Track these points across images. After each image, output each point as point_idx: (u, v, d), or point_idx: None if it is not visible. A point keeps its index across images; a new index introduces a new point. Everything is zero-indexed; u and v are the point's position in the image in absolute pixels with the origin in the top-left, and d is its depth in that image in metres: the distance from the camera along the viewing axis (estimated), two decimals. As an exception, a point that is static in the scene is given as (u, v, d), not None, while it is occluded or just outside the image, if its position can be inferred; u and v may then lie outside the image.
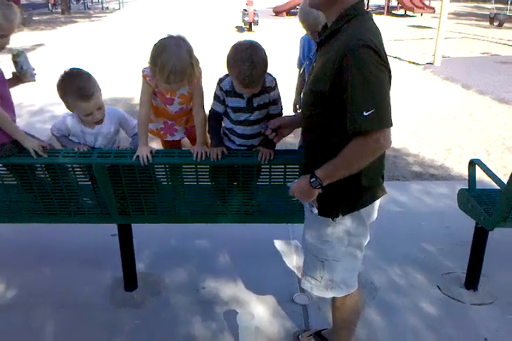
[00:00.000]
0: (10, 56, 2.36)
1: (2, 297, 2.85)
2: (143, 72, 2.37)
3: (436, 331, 2.58)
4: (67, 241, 3.41)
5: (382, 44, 1.69)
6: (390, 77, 1.70)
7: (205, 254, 3.28)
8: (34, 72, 2.45)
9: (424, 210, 3.90)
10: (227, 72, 2.27)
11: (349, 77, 1.60)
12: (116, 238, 2.75)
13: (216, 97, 2.31)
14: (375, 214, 2.00)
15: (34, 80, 2.46)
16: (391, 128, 1.66)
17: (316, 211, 1.89)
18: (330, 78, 1.66)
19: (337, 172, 1.74)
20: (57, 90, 2.34)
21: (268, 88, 2.24)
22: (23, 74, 2.40)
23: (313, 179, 1.75)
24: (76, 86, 2.28)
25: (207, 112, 2.45)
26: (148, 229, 2.95)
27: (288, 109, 2.79)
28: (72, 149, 2.43)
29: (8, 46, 2.28)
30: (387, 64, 1.67)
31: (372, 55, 1.60)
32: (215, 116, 2.36)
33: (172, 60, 2.11)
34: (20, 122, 2.62)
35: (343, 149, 1.69)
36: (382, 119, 1.62)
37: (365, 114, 1.59)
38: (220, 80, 2.26)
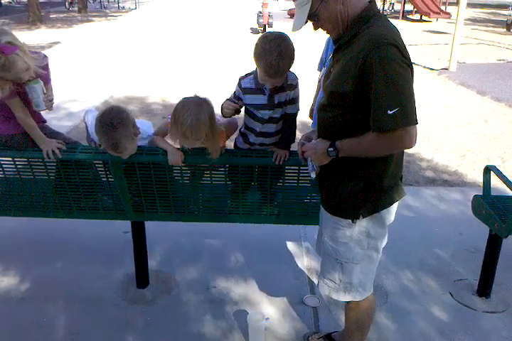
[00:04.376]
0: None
1: (15, 290, 2.88)
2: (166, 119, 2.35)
3: (447, 337, 2.56)
4: (79, 237, 3.44)
5: (403, 42, 1.69)
6: (412, 75, 1.70)
7: (217, 254, 3.29)
8: (52, 101, 2.41)
9: (437, 216, 3.87)
10: (246, 73, 2.28)
11: (373, 76, 1.60)
12: (128, 235, 2.77)
13: (234, 94, 2.32)
14: (393, 217, 1.99)
15: (39, 110, 2.40)
16: (416, 126, 1.67)
17: (313, 175, 1.92)
18: (353, 78, 1.66)
19: (353, 153, 1.79)
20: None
21: (290, 85, 2.24)
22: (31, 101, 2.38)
23: (332, 149, 1.80)
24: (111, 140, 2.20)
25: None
26: (160, 227, 2.97)
27: (305, 114, 2.78)
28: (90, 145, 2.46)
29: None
30: (410, 62, 1.68)
31: (397, 53, 1.61)
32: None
33: (190, 116, 2.12)
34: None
35: (366, 135, 1.70)
36: (407, 117, 1.63)
37: (389, 112, 1.60)
38: (241, 79, 2.28)
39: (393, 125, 1.62)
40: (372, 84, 1.61)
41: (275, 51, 2.00)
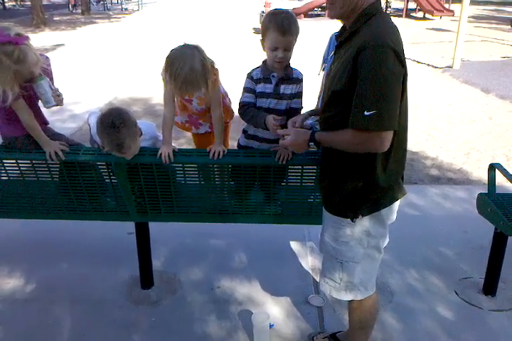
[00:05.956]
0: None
1: (19, 292, 2.89)
2: (162, 74, 2.38)
3: (453, 336, 2.54)
4: (83, 239, 3.44)
5: (400, 43, 1.68)
6: (405, 78, 1.68)
7: (221, 254, 3.29)
8: (60, 97, 2.42)
9: (441, 214, 3.86)
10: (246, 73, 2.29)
11: (361, 74, 1.61)
12: (132, 236, 2.78)
13: (247, 89, 2.30)
14: (395, 216, 1.99)
15: (50, 106, 2.39)
16: (391, 131, 1.67)
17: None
18: (347, 76, 1.67)
19: (331, 146, 1.85)
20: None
21: (295, 79, 2.27)
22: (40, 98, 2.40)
23: (312, 144, 1.89)
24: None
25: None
26: (164, 228, 2.97)
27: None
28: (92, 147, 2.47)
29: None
30: (404, 64, 1.66)
31: (389, 55, 1.60)
32: (246, 106, 2.31)
33: (184, 70, 2.14)
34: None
35: (344, 130, 1.72)
36: (382, 122, 1.62)
37: (366, 113, 1.60)
38: (250, 72, 2.30)
39: (367, 126, 1.62)
40: (359, 81, 1.62)
41: (282, 12, 2.15)
